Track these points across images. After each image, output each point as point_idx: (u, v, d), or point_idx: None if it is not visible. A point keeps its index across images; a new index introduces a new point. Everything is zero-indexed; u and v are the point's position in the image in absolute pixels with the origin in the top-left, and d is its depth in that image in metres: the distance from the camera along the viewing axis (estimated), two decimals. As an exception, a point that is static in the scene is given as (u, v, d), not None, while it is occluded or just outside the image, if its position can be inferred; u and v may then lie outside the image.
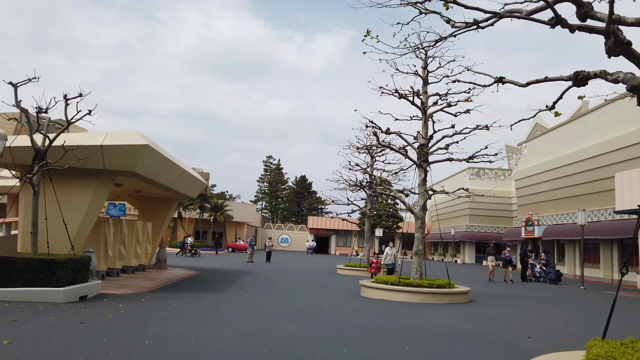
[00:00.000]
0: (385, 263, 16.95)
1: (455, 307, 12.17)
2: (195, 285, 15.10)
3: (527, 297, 16.07)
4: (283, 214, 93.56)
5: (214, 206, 52.72)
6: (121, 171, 12.96)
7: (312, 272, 24.28)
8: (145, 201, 20.68)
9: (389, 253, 16.82)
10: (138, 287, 13.75)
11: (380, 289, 12.90)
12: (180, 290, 13.62)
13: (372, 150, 25.02)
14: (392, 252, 16.86)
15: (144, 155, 12.71)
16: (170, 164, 14.90)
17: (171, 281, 16.16)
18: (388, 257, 16.79)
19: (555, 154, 31.32)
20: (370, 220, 24.77)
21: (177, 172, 16.10)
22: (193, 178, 18.37)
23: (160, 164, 14.16)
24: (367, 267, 23.83)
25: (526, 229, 33.91)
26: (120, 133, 12.70)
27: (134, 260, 17.76)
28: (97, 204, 13.16)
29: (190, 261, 28.39)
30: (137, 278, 16.40)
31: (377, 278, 13.74)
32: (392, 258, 16.81)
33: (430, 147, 13.91)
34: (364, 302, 12.44)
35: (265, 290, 14.48)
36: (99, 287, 12.13)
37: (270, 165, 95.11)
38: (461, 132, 13.61)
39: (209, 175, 21.44)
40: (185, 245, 37.84)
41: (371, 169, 24.99)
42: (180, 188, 17.80)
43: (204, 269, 22.77)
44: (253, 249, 31.99)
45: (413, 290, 12.43)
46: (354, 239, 64.58)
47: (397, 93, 14.27)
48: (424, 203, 14.07)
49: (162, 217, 20.91)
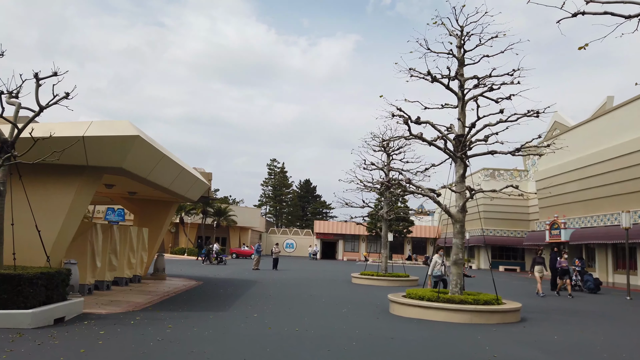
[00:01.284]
0: (433, 274, 14.52)
1: (509, 328, 10.09)
2: (196, 301, 13.07)
3: (579, 312, 13.95)
4: (287, 219, 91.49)
5: (217, 211, 50.72)
6: (108, 168, 10.99)
7: (325, 281, 22.22)
8: (142, 205, 18.71)
9: (438, 262, 14.42)
10: (129, 304, 11.74)
11: (415, 306, 10.83)
12: (179, 307, 11.59)
13: (389, 148, 23.00)
14: (440, 261, 14.51)
15: (135, 149, 10.73)
16: (167, 160, 12.92)
17: (169, 295, 14.14)
18: (437, 267, 14.37)
19: (582, 151, 29.19)
20: (387, 224, 22.72)
21: (174, 170, 14.12)
22: (194, 178, 16.39)
23: (154, 160, 12.17)
24: (383, 275, 21.74)
25: (551, 232, 31.77)
26: (106, 122, 10.73)
27: (127, 270, 15.76)
28: (80, 206, 11.17)
29: (192, 270, 26.37)
30: (131, 292, 14.39)
31: (410, 292, 11.67)
32: (442, 268, 14.41)
33: (470, 138, 11.87)
34: (398, 322, 10.38)
35: (277, 306, 12.44)
36: (81, 306, 10.13)
37: (274, 168, 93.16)
38: (507, 119, 11.55)
39: (211, 176, 19.47)
40: (210, 252, 35.80)
41: (388, 168, 22.96)
42: (179, 189, 15.81)
43: (207, 278, 20.75)
44: (260, 255, 29.93)
45: (456, 308, 10.35)
46: (362, 244, 62.46)
47: (430, 75, 12.25)
48: (463, 204, 12.03)
49: (160, 222, 18.92)
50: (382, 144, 23.01)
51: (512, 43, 11.97)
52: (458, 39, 12.57)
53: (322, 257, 61.64)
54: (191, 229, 53.42)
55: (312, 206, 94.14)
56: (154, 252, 19.11)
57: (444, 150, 12.13)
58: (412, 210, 22.48)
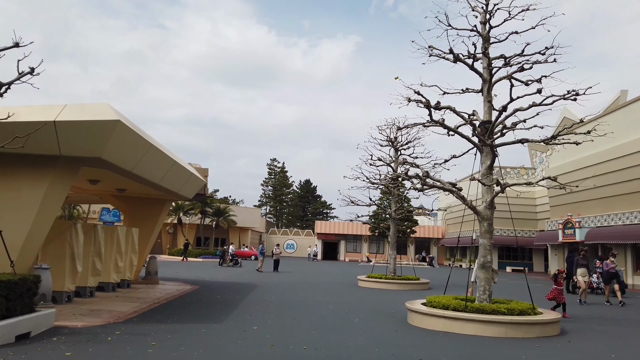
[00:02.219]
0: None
1: (553, 343, 8.66)
2: (188, 309, 11.63)
3: (621, 321, 12.47)
4: (288, 219, 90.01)
5: (216, 211, 49.27)
6: (85, 158, 9.55)
7: (330, 284, 20.79)
8: (132, 203, 17.27)
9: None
10: (111, 314, 10.30)
11: (440, 316, 9.38)
12: (167, 317, 10.16)
13: (397, 142, 21.58)
14: None
15: (115, 136, 9.29)
16: (155, 151, 11.48)
17: (159, 302, 12.70)
18: None
19: (598, 147, 27.73)
20: (395, 223, 21.29)
21: (165, 163, 12.68)
22: (187, 173, 14.95)
23: (140, 150, 10.73)
24: (392, 277, 20.30)
25: (564, 231, 30.32)
26: (82, 106, 9.30)
27: (114, 275, 14.32)
28: (54, 203, 9.74)
29: (188, 273, 24.91)
30: (117, 298, 12.95)
31: (432, 300, 10.23)
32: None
33: (499, 124, 10.45)
34: (421, 337, 8.94)
35: (280, 315, 11.00)
36: (52, 318, 8.70)
37: (274, 168, 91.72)
38: (542, 102, 10.11)
39: (207, 172, 18.03)
40: (225, 254, 34.48)
41: (396, 164, 21.54)
42: (172, 185, 14.38)
43: (204, 282, 19.32)
44: (264, 256, 28.43)
45: (488, 319, 8.91)
46: (365, 244, 61.03)
47: (452, 54, 10.81)
48: (491, 199, 10.61)
49: (152, 222, 17.47)
50: (390, 139, 21.59)
51: (545, 17, 10.54)
52: (483, 14, 11.14)
53: (323, 257, 60.19)
54: (190, 230, 51.99)
55: (312, 206, 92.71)
56: (146, 254, 17.67)
57: (468, 139, 10.70)
58: (422, 208, 21.03)
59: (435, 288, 20.53)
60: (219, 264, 33.83)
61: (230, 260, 34.04)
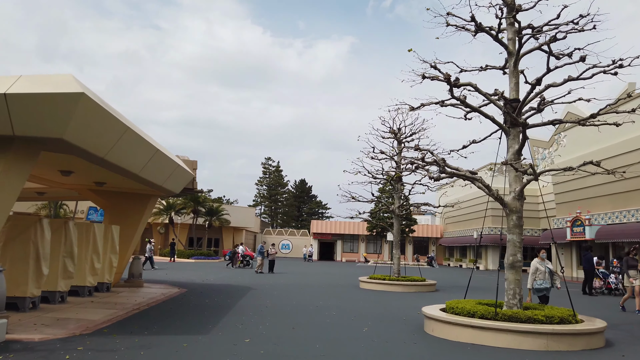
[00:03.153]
0: (536, 287, 10.81)
1: (600, 357, 7.26)
2: (171, 317, 10.15)
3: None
4: (283, 219, 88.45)
5: (209, 210, 47.66)
6: (45, 139, 8.05)
7: (330, 286, 19.34)
8: (113, 198, 15.74)
9: (540, 268, 10.77)
10: (79, 324, 8.81)
11: (466, 325, 7.95)
12: (146, 327, 8.68)
13: (400, 134, 20.18)
14: (544, 267, 10.82)
15: (80, 113, 7.80)
16: (133, 136, 10.00)
17: (139, 308, 11.21)
18: (539, 276, 10.70)
19: (608, 141, 26.48)
20: (399, 221, 19.88)
21: (145, 151, 11.20)
22: (173, 164, 13.46)
23: (113, 133, 9.24)
24: (396, 279, 18.84)
25: (572, 230, 29.04)
26: (41, 77, 7.80)
27: (90, 278, 12.79)
28: (8, 194, 8.23)
29: (178, 274, 23.38)
30: (91, 305, 11.45)
31: (453, 305, 8.80)
32: (547, 278, 10.68)
33: (528, 102, 9.05)
34: (446, 351, 7.52)
35: (276, 323, 9.55)
36: (3, 331, 7.22)
37: (269, 167, 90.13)
38: (579, 77, 8.71)
39: (196, 164, 16.55)
40: (235, 255, 32.88)
41: (399, 157, 20.15)
42: (155, 178, 12.88)
43: (193, 284, 17.82)
44: (263, 257, 26.77)
45: (525, 329, 7.48)
46: (362, 244, 59.64)
47: (474, 23, 9.40)
48: (521, 189, 9.21)
49: (136, 219, 15.95)
50: (393, 130, 20.18)
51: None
52: (507, -22, 9.73)
53: (319, 258, 58.71)
54: (181, 230, 50.35)
55: (308, 206, 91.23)
56: (128, 255, 16.14)
57: (493, 120, 9.29)
58: (427, 205, 19.60)
59: (442, 290, 19.14)
60: (228, 265, 32.27)
61: (241, 261, 32.50)
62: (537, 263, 11.02)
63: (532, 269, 10.96)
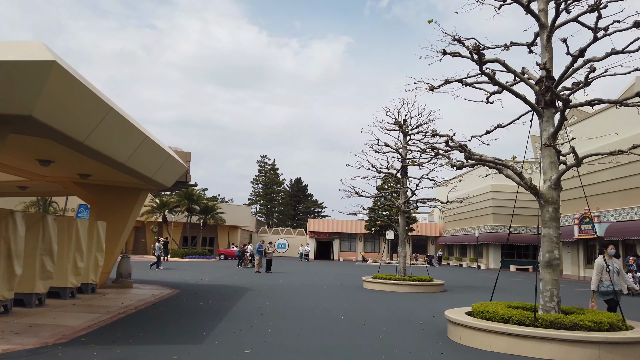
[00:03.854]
0: (601, 289, 9.03)
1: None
2: (161, 322, 9.03)
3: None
4: (279, 218, 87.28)
5: (203, 208, 46.44)
6: (11, 118, 6.92)
7: (332, 287, 18.26)
8: (100, 192, 14.58)
9: (614, 267, 9.00)
10: (55, 332, 7.69)
11: (500, 333, 6.88)
12: (131, 335, 7.57)
13: (406, 126, 19.13)
14: (614, 266, 9.11)
15: (51, 86, 6.68)
16: (117, 118, 8.89)
17: (126, 312, 10.09)
18: (605, 278, 8.90)
19: (616, 136, 25.53)
20: (404, 217, 18.84)
21: (132, 137, 10.08)
22: (164, 154, 12.35)
23: (92, 112, 8.11)
24: (402, 278, 17.79)
25: (580, 227, 28.13)
26: (7, 44, 6.67)
27: (72, 278, 11.64)
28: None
29: (171, 274, 22.24)
30: (73, 308, 10.31)
31: (481, 309, 7.75)
32: (615, 279, 8.84)
33: (566, 78, 8.01)
34: (476, 360, 6.45)
35: (279, 329, 8.47)
36: (-42, 342, 6.09)
37: (265, 165, 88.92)
38: (625, 49, 7.66)
39: (189, 156, 15.45)
40: (244, 254, 31.77)
41: (404, 151, 19.11)
42: (144, 168, 11.76)
43: (187, 285, 16.70)
44: (261, 256, 25.48)
45: (572, 337, 6.43)
46: (360, 243, 58.62)
47: (503, -10, 8.35)
48: (557, 177, 8.18)
49: (124, 215, 14.80)
50: (398, 122, 19.13)
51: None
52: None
53: (316, 257, 57.64)
54: (175, 228, 49.10)
55: (303, 205, 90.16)
56: (116, 253, 15.00)
57: (525, 99, 8.25)
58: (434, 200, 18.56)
59: (451, 290, 18.12)
60: (238, 265, 31.07)
61: (250, 261, 31.38)
62: (603, 260, 9.30)
63: (598, 268, 9.23)
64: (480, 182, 43.80)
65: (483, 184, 44.11)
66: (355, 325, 9.22)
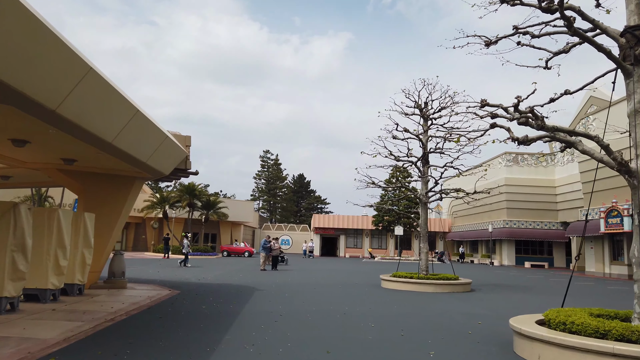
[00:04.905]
0: None
1: None
2: (155, 332, 7.39)
3: None
4: (282, 214, 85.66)
5: (205, 203, 44.77)
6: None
7: (346, 285, 16.62)
8: (88, 181, 12.95)
9: None
10: (19, 348, 6.07)
11: (603, 353, 5.21)
12: (116, 352, 5.93)
13: (426, 109, 17.43)
14: None
15: (5, 27, 5.02)
16: (98, 81, 7.23)
17: (114, 319, 8.45)
18: None
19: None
20: (426, 208, 17.17)
21: (119, 109, 8.43)
22: (159, 134, 10.69)
23: (65, 71, 6.45)
24: (425, 277, 16.14)
25: (607, 221, 26.41)
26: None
27: (53, 278, 10.00)
28: None
29: (171, 272, 20.62)
30: (52, 314, 8.68)
31: (560, 318, 6.10)
32: None
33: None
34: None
35: (301, 342, 6.82)
36: None
37: (267, 160, 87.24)
38: None
39: (190, 140, 13.82)
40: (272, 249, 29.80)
41: (425, 137, 17.42)
42: (135, 150, 10.10)
43: (188, 284, 15.08)
44: (267, 253, 23.66)
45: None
46: (366, 239, 56.97)
47: None
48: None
49: (116, 207, 13.16)
50: (418, 104, 17.43)
51: None
52: None
53: (321, 254, 56.00)
54: (176, 224, 47.54)
55: (306, 201, 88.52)
56: (108, 250, 13.36)
57: (610, 55, 6.56)
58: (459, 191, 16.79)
59: (478, 290, 16.46)
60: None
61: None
62: None
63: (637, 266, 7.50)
64: (493, 175, 42.14)
65: (496, 176, 42.42)
66: (392, 337, 7.57)
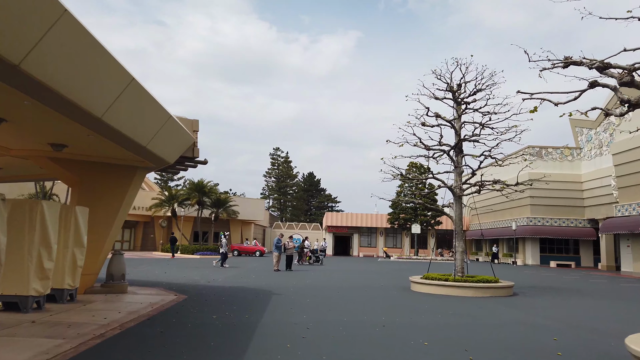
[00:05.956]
0: None
1: None
2: (152, 355, 5.76)
3: None
4: (292, 212, 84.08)
5: (215, 201, 43.29)
6: None
7: (371, 288, 14.91)
8: (83, 171, 11.38)
9: None
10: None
11: None
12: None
13: (459, 93, 15.67)
14: None
15: None
16: (85, 39, 5.62)
17: (103, 336, 6.83)
18: None
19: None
20: (460, 202, 15.40)
21: (109, 74, 6.81)
22: (162, 113, 9.08)
23: (38, 17, 4.83)
24: (461, 279, 14.35)
25: (648, 217, 24.43)
26: None
27: (36, 283, 8.42)
28: None
29: (179, 273, 19.06)
30: (28, 328, 7.10)
31: None
32: None
33: None
34: None
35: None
36: None
37: (277, 158, 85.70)
38: None
39: (197, 125, 12.26)
40: (304, 249, 28.54)
41: (459, 123, 15.67)
42: (133, 131, 8.49)
43: (196, 287, 13.48)
44: (280, 252, 22.04)
45: None
46: (381, 238, 55.17)
47: None
48: None
49: (115, 201, 11.56)
50: (451, 87, 15.67)
51: None
52: None
53: (334, 253, 54.32)
54: (185, 223, 46.11)
55: (317, 200, 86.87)
56: (106, 249, 11.76)
57: None
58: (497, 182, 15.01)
59: (521, 294, 14.68)
60: (297, 261, 27.86)
61: (310, 257, 28.29)
62: None
63: None
64: (514, 170, 40.16)
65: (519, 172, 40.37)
66: (456, 359, 5.86)
